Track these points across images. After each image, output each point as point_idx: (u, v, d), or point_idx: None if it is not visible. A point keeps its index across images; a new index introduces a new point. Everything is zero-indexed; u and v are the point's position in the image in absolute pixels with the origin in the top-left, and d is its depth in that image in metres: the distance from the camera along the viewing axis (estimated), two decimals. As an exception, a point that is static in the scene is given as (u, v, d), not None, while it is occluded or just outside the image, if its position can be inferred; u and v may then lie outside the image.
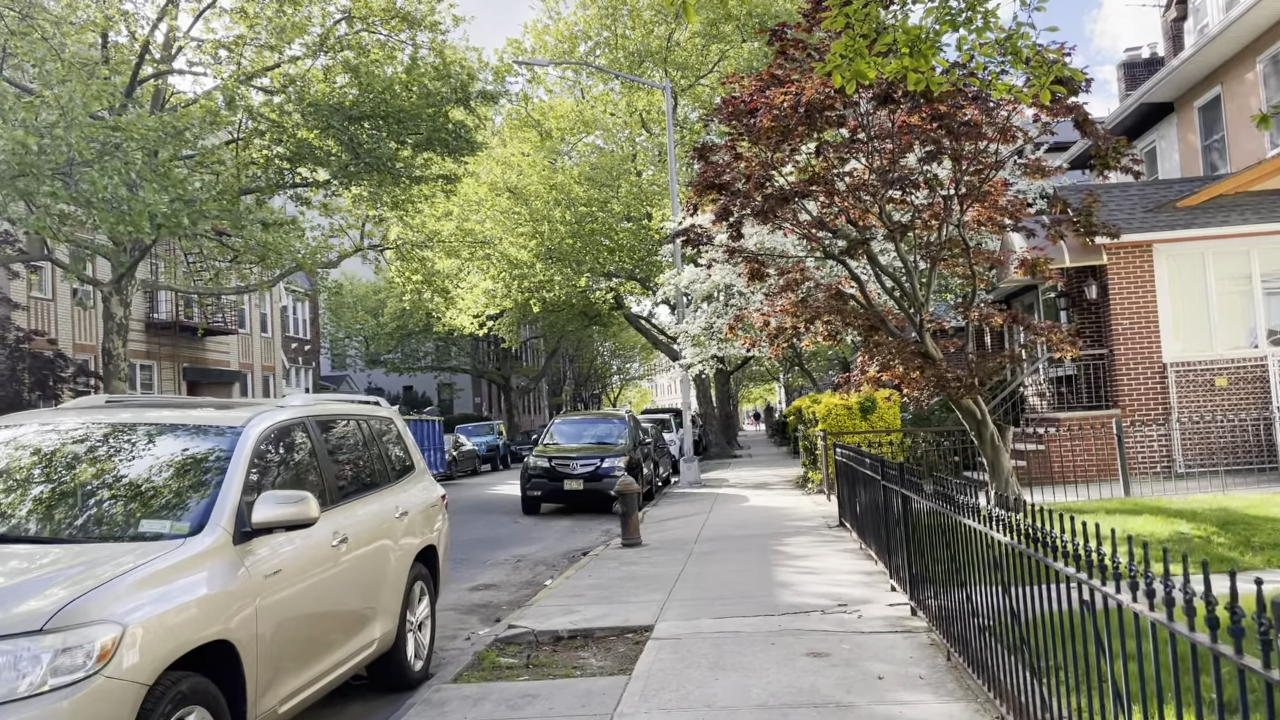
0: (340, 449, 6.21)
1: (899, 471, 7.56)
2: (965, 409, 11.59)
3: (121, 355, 20.93)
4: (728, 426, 40.02)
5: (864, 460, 9.83)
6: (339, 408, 6.47)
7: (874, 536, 9.79)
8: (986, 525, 4.74)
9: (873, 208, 11.40)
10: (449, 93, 17.53)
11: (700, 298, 22.51)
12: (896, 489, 7.86)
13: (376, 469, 6.58)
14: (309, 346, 49.61)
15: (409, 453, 7.32)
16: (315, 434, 5.78)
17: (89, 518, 4.61)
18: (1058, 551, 3.71)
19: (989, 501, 11.86)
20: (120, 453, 5.03)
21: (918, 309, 11.47)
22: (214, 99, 15.98)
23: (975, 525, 4.96)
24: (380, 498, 6.40)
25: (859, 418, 17.73)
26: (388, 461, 6.83)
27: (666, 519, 16.08)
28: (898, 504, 7.84)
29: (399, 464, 7.07)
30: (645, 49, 32.64)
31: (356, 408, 6.77)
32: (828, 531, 12.70)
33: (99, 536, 4.47)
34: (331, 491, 5.72)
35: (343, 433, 6.32)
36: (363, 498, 6.16)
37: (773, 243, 16.33)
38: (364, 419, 6.69)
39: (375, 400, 7.30)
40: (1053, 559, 3.75)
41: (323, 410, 6.07)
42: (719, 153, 12.41)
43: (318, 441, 5.77)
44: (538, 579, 11.47)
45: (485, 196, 29.81)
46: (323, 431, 5.92)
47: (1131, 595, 3.04)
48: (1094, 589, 3.34)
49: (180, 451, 5.07)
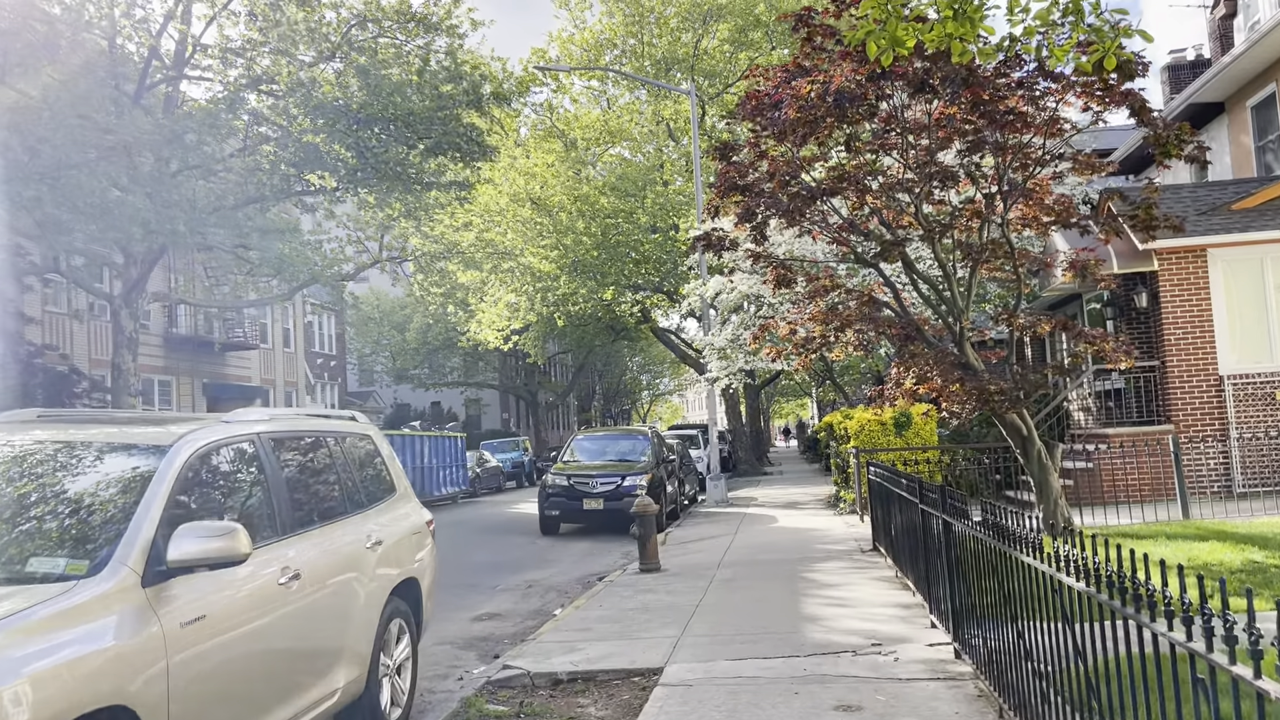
0: (299, 471, 5.47)
1: (940, 494, 6.70)
2: (1010, 425, 10.69)
3: (131, 370, 20.48)
4: (758, 443, 39.07)
5: (900, 480, 8.97)
6: (299, 424, 5.72)
7: (910, 564, 8.92)
8: (1053, 566, 3.89)
9: (908, 208, 10.56)
10: (461, 95, 16.87)
11: (727, 308, 21.69)
12: (937, 514, 7.00)
13: (346, 493, 5.82)
14: (335, 362, 49.25)
15: (390, 474, 6.57)
16: (267, 454, 5.03)
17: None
18: (1156, 608, 2.87)
19: (1036, 525, 10.94)
20: (23, 476, 4.31)
21: (957, 316, 10.60)
22: (216, 103, 15.42)
23: (1038, 566, 4.11)
24: (348, 526, 5.64)
25: (893, 434, 16.82)
26: (361, 484, 6.08)
27: (689, 540, 15.24)
28: (938, 530, 6.97)
29: (376, 487, 6.31)
30: (672, 56, 31.95)
31: (323, 423, 6.01)
32: (860, 556, 11.81)
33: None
34: (284, 520, 4.97)
35: (303, 452, 5.57)
36: (326, 526, 5.40)
37: (801, 250, 15.51)
38: (332, 436, 5.94)
39: (350, 415, 6.56)
40: (1151, 618, 2.91)
41: (278, 427, 5.32)
42: (742, 152, 11.64)
43: (269, 462, 5.01)
44: (547, 607, 10.68)
45: (506, 207, 29.16)
46: (277, 451, 5.17)
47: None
48: (1215, 666, 2.49)
49: (95, 475, 4.33)
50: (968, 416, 10.48)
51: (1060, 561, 3.76)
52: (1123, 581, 3.10)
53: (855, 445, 16.64)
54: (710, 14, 31.70)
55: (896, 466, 13.26)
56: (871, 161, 10.64)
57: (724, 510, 20.11)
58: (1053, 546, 3.87)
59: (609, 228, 30.28)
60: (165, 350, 30.33)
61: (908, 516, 8.70)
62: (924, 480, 7.74)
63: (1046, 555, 3.97)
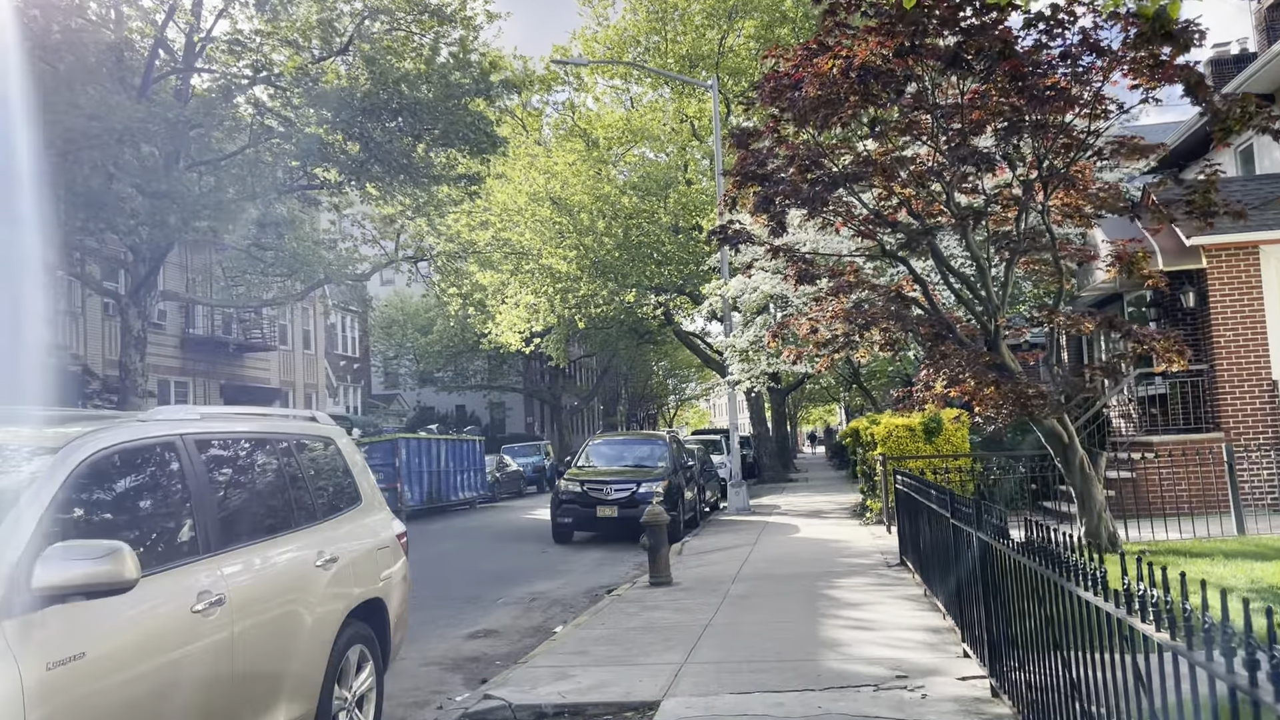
0: (233, 479, 4.79)
1: (975, 510, 5.92)
2: (1049, 432, 9.88)
3: (140, 370, 20.01)
4: (783, 449, 38.16)
5: (929, 491, 8.18)
6: (237, 424, 5.03)
7: (940, 583, 8.13)
8: (1122, 608, 3.12)
9: (939, 196, 9.77)
10: (470, 84, 16.19)
11: (751, 310, 20.89)
12: (972, 531, 6.23)
13: (295, 503, 5.14)
14: (358, 364, 48.90)
15: (354, 482, 5.88)
16: (190, 458, 4.35)
17: None
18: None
19: (1078, 539, 10.11)
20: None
21: (992, 314, 9.80)
22: (211, 91, 14.84)
23: (1103, 606, 3.34)
24: (294, 541, 4.95)
25: (922, 440, 15.97)
26: (316, 493, 5.39)
27: (706, 551, 14.48)
28: (973, 550, 6.20)
29: (335, 496, 5.63)
30: (696, 53, 31.22)
31: (270, 424, 5.32)
32: (886, 572, 11.01)
33: None
34: (208, 536, 4.28)
35: (240, 457, 4.89)
36: (265, 543, 4.72)
37: (825, 246, 14.73)
38: (281, 439, 5.25)
39: (310, 415, 5.87)
40: (1251, 681, 2.15)
41: (208, 428, 4.64)
42: (760, 138, 10.89)
43: (192, 469, 4.33)
44: (548, 624, 9.96)
45: (525, 206, 28.55)
46: (204, 456, 4.49)
47: None
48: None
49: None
50: (1003, 422, 9.66)
51: (1131, 603, 2.99)
52: (1212, 633, 2.33)
53: (882, 452, 15.81)
54: (735, 9, 30.94)
55: (926, 475, 12.45)
56: (899, 146, 9.88)
57: (745, 519, 19.32)
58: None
59: (631, 228, 29.61)
60: (182, 351, 29.93)
61: (938, 531, 7.92)
62: (955, 493, 6.96)
63: (1114, 593, 3.20)
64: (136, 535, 3.91)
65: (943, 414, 15.74)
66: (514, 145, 30.51)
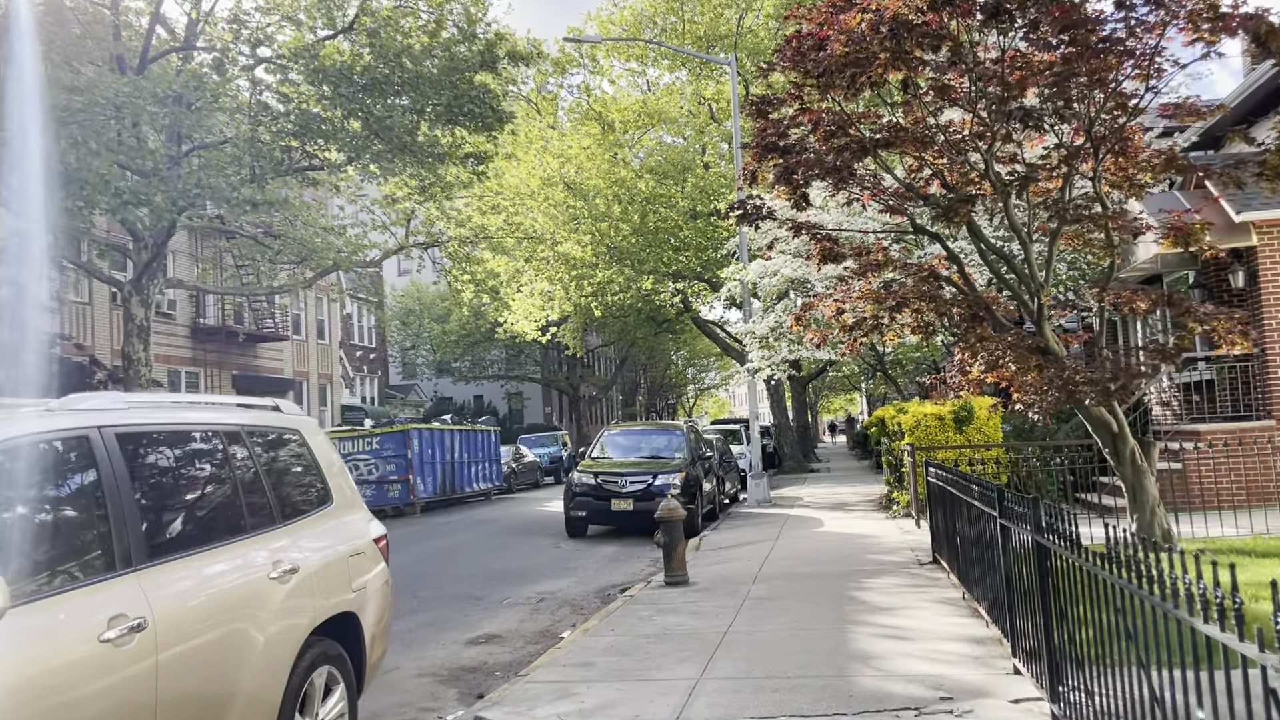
0: (167, 478, 4.12)
1: (1032, 509, 5.19)
2: (1097, 420, 9.10)
3: (144, 360, 19.46)
4: (804, 438, 37.39)
5: (970, 487, 7.43)
6: (173, 415, 4.35)
7: (982, 586, 7.39)
8: (1253, 644, 2.40)
9: (977, 166, 9.00)
10: (474, 56, 15.44)
11: (771, 295, 20.12)
12: (1022, 530, 5.50)
13: (247, 505, 4.46)
14: (374, 354, 48.46)
15: (323, 480, 5.20)
16: (109, 456, 3.67)
17: None
18: None
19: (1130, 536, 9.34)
20: None
21: (1035, 292, 9.02)
22: (203, 65, 14.19)
23: (1219, 637, 2.60)
24: (245, 549, 4.28)
25: (953, 430, 15.16)
26: (276, 493, 4.72)
27: (725, 547, 13.78)
28: (1027, 553, 5.47)
29: (301, 496, 4.96)
30: (713, 34, 30.38)
31: (219, 415, 4.64)
32: (918, 571, 10.26)
33: None
34: (129, 547, 3.61)
35: (177, 453, 4.22)
36: (206, 553, 4.05)
37: (849, 225, 13.96)
38: (230, 432, 4.57)
39: (273, 404, 5.19)
40: None
41: (136, 419, 3.96)
42: (781, 107, 10.13)
43: (112, 468, 3.66)
44: (555, 628, 9.28)
45: (538, 190, 27.84)
46: (129, 451, 3.81)
47: None
48: None
49: None
50: (1047, 410, 8.88)
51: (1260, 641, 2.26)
52: None
53: (910, 442, 15.03)
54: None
55: (958, 466, 11.69)
56: (933, 111, 9.10)
57: (766, 511, 18.61)
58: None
59: (647, 213, 28.87)
60: (192, 341, 29.48)
61: (980, 529, 7.18)
62: (1005, 489, 6.21)
63: (1235, 623, 2.47)
64: (29, 550, 3.24)
65: (975, 402, 14.96)
66: (527, 129, 29.82)
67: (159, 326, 28.31)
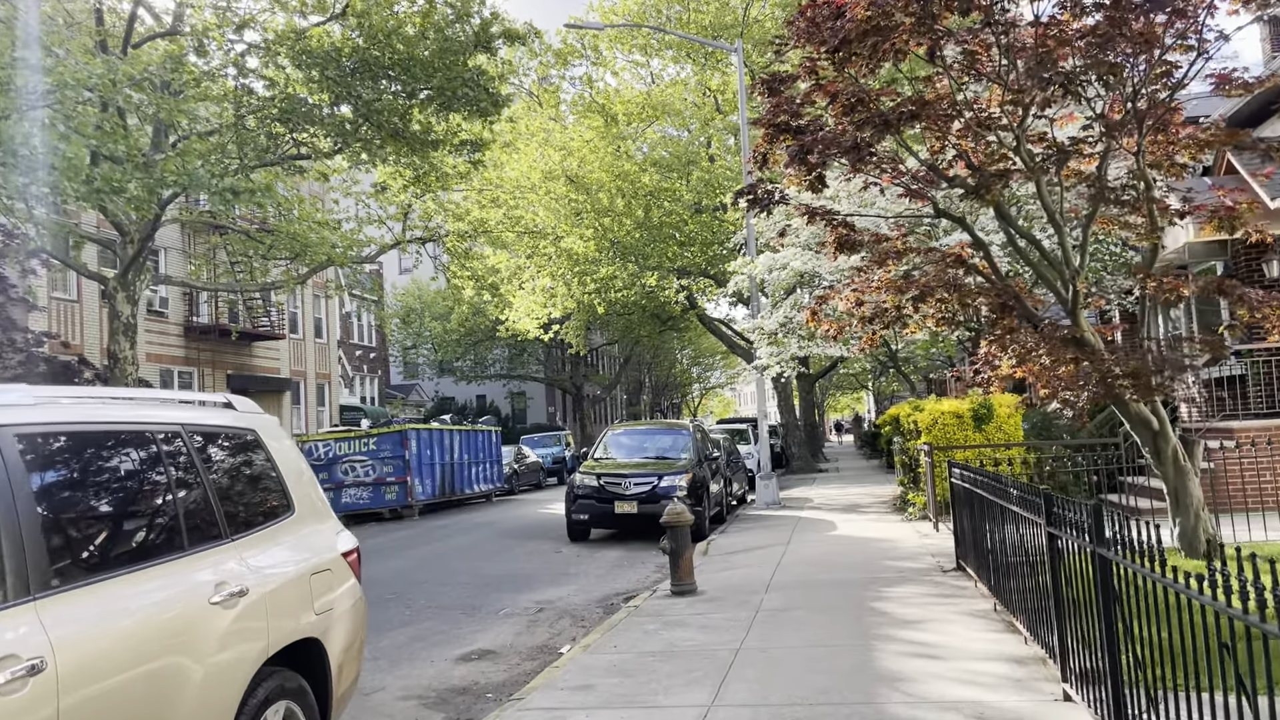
0: (80, 488, 3.47)
1: (1092, 517, 4.54)
2: (1136, 417, 8.43)
3: (129, 358, 18.87)
4: (812, 438, 36.69)
5: (1006, 490, 6.78)
6: (97, 411, 3.69)
7: (1020, 599, 6.75)
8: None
9: (1007, 143, 8.34)
10: (468, 37, 14.75)
11: (780, 289, 19.46)
12: (1078, 540, 4.86)
13: (187, 518, 3.83)
14: (375, 354, 47.85)
15: (284, 487, 4.56)
16: (5, 461, 3.03)
17: None
18: None
19: (1172, 541, 8.68)
20: None
21: (1070, 279, 8.36)
22: (181, 43, 13.53)
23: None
24: (181, 569, 3.65)
25: (972, 428, 14.50)
26: (224, 503, 4.07)
27: (734, 551, 13.14)
28: (1083, 565, 4.83)
29: (256, 506, 4.32)
30: (719, 24, 29.72)
31: (154, 412, 3.99)
32: (942, 579, 9.61)
33: None
34: (27, 573, 2.98)
35: (96, 458, 3.58)
36: (129, 575, 3.41)
37: (865, 211, 13.31)
38: (168, 434, 3.92)
39: (225, 400, 4.55)
40: None
41: (35, 419, 3.32)
42: (793, 84, 9.48)
43: (6, 475, 3.02)
44: (554, 642, 8.64)
45: (539, 183, 27.20)
46: (31, 457, 3.17)
47: None
48: None
49: None
50: (1083, 406, 8.23)
51: None
52: None
53: (928, 441, 14.37)
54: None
55: (981, 466, 11.03)
56: (959, 86, 8.45)
57: (775, 513, 17.95)
58: None
59: (651, 206, 28.22)
60: (186, 340, 28.86)
61: (1019, 536, 6.53)
62: (1051, 494, 5.56)
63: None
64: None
65: (994, 399, 14.31)
66: (528, 122, 29.19)
67: (151, 325, 27.70)
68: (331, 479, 23.48)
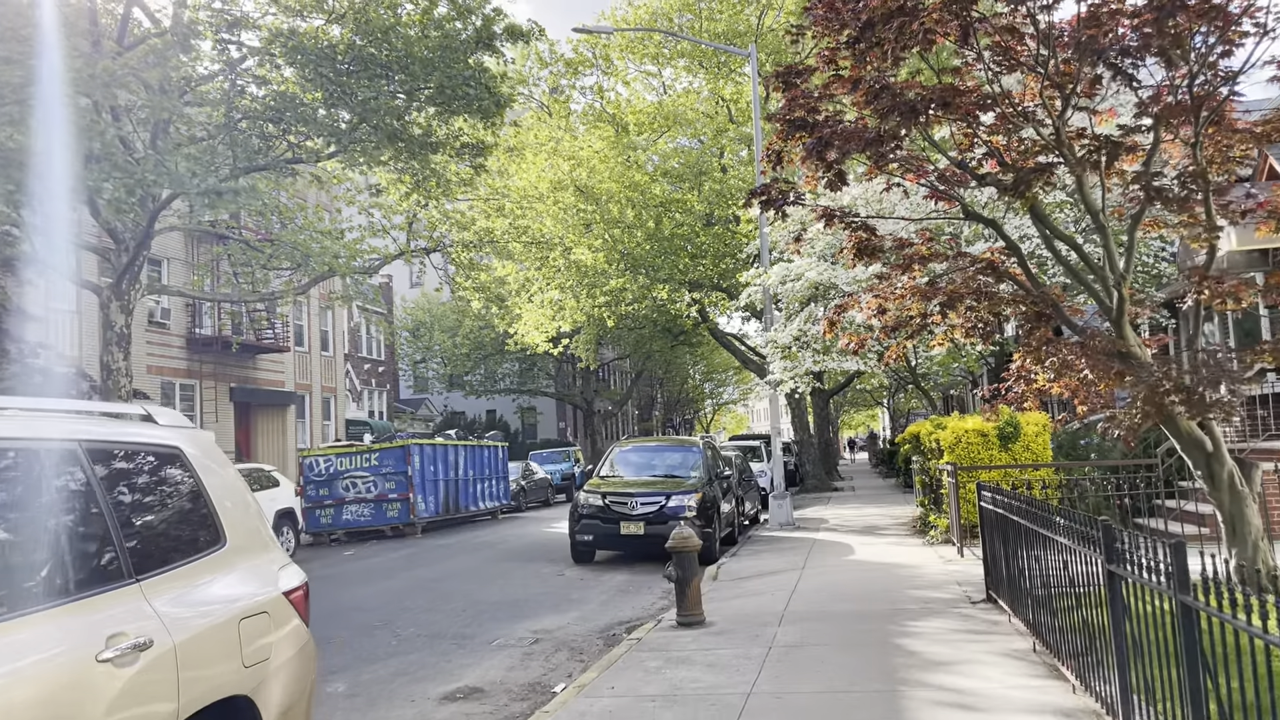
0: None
1: (1174, 557, 3.82)
2: (1188, 438, 7.68)
3: (123, 370, 18.29)
4: (826, 455, 35.87)
5: (1051, 520, 6.05)
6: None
7: (1066, 638, 6.01)
8: None
9: (1048, 136, 7.63)
10: (470, 35, 14.11)
11: (795, 301, 18.74)
12: (1151, 583, 4.14)
13: (71, 555, 3.14)
14: (383, 368, 47.31)
15: (212, 514, 3.87)
16: None
17: None
18: None
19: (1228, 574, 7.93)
20: None
21: (1115, 284, 7.63)
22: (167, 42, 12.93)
23: None
24: (57, 621, 2.95)
25: (997, 447, 13.75)
26: (130, 536, 3.38)
27: (745, 576, 12.39)
28: (1146, 601, 4.11)
29: (172, 538, 3.63)
30: (732, 32, 29.14)
31: (34, 425, 3.30)
32: (972, 612, 8.85)
33: None
34: None
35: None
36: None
37: (890, 218, 12.59)
38: (60, 449, 3.24)
39: (143, 412, 3.86)
40: None
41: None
42: (811, 76, 8.81)
43: None
44: (548, 679, 7.91)
45: (547, 193, 26.60)
46: None
47: None
48: None
49: None
50: (1134, 428, 7.48)
51: None
52: None
53: (951, 460, 13.61)
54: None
55: (1013, 488, 10.28)
56: (993, 76, 7.76)
57: (789, 534, 17.18)
58: None
59: (662, 217, 27.58)
60: (188, 352, 28.32)
61: (1066, 570, 5.79)
62: (1111, 524, 4.83)
63: None
64: None
65: (1022, 417, 13.55)
66: (537, 131, 28.64)
67: (153, 336, 27.17)
68: (332, 495, 22.84)
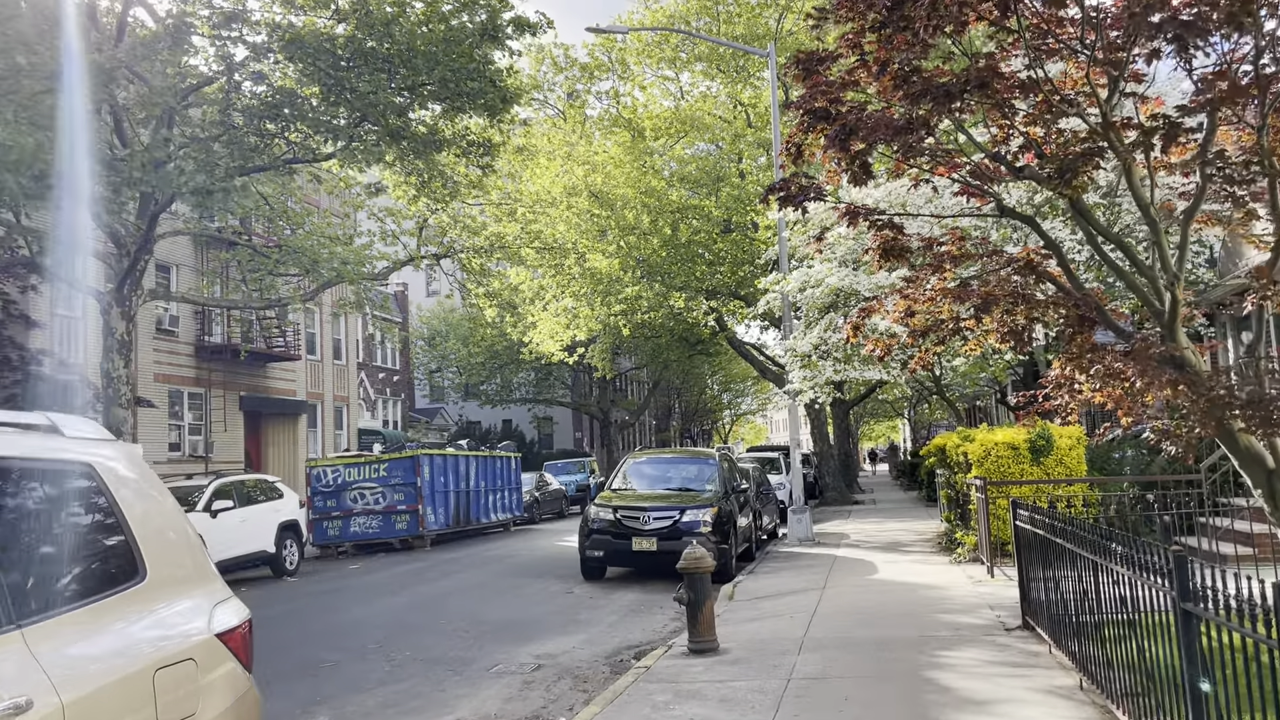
0: None
1: (1276, 599, 3.18)
2: (1247, 453, 6.98)
3: (124, 377, 17.85)
4: (847, 467, 35.12)
5: (1108, 545, 5.40)
6: None
7: (1120, 677, 5.36)
8: None
9: (1093, 124, 6.99)
10: (476, 27, 13.56)
11: (815, 309, 18.09)
12: (1232, 624, 3.49)
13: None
14: (398, 377, 46.88)
15: (130, 542, 3.28)
16: None
17: None
18: None
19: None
20: None
21: (1167, 286, 6.97)
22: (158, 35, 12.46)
23: None
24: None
25: (1028, 461, 13.06)
26: (7, 572, 2.80)
27: (763, 596, 11.75)
28: (1226, 644, 3.46)
29: (74, 574, 3.05)
30: (750, 35, 28.63)
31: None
32: (1007, 640, 8.17)
33: None
34: None
35: None
36: None
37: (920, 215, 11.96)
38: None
39: (47, 421, 3.28)
40: None
41: None
42: (833, 63, 8.20)
43: None
44: (546, 714, 7.30)
45: (560, 198, 26.08)
46: None
47: None
48: None
49: None
50: (1191, 443, 6.82)
51: None
52: None
53: (979, 474, 12.93)
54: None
55: (1050, 505, 9.62)
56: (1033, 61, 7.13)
57: (809, 550, 16.51)
58: None
59: (678, 224, 27.01)
60: (197, 360, 27.91)
61: (1122, 601, 5.15)
62: (1184, 554, 4.19)
63: None
64: None
65: (1055, 429, 12.87)
66: (551, 136, 28.15)
67: (161, 344, 26.78)
68: (340, 506, 22.33)
